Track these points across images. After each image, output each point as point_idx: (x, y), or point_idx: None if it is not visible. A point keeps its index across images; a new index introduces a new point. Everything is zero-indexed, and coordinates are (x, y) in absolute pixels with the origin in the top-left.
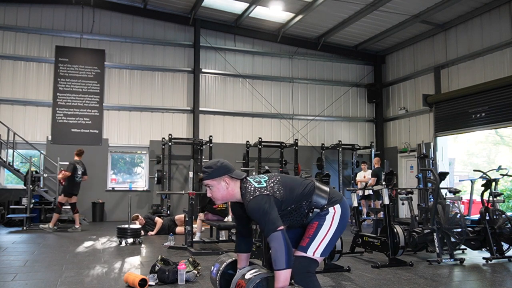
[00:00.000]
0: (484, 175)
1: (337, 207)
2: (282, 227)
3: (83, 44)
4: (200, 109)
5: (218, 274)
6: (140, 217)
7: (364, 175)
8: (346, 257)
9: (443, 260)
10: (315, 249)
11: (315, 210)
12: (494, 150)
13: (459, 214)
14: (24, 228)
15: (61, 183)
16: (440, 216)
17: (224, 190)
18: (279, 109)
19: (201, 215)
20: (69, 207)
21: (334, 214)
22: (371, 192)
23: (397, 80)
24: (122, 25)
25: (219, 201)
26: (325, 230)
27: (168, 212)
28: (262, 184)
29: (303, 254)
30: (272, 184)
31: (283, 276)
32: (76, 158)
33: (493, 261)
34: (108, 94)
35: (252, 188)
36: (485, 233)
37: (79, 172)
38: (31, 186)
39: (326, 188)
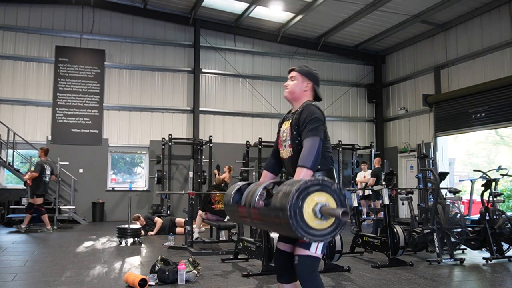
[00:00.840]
0: (484, 175)
1: None
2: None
3: (83, 44)
4: (200, 109)
5: (236, 187)
6: (141, 217)
7: (364, 175)
8: (346, 257)
9: (443, 260)
10: (316, 247)
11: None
12: (494, 150)
13: (459, 214)
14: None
15: (28, 184)
16: (440, 216)
17: (300, 89)
18: (279, 109)
19: (201, 212)
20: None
21: None
22: (370, 192)
23: (397, 80)
24: (122, 25)
25: (287, 93)
26: None
27: (168, 212)
28: None
29: (307, 252)
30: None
31: (304, 174)
32: (43, 157)
33: (493, 261)
34: (108, 94)
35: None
36: (485, 233)
37: (48, 172)
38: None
39: (334, 178)
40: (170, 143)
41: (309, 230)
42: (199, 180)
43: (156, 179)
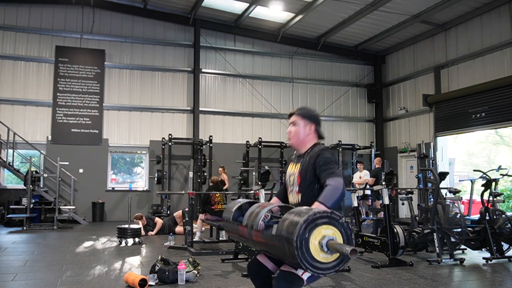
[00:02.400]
0: (484, 175)
1: None
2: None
3: (83, 44)
4: (200, 109)
5: (237, 205)
6: (143, 217)
7: (360, 176)
8: None
9: (443, 260)
10: (303, 271)
11: None
12: (494, 150)
13: (459, 214)
14: (24, 228)
15: None
16: (440, 216)
17: (304, 133)
18: (279, 109)
19: (201, 216)
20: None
21: None
22: (368, 192)
23: (397, 80)
24: (122, 25)
25: (292, 140)
26: None
27: (168, 212)
28: None
29: (292, 270)
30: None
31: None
32: None
33: (493, 261)
34: (108, 94)
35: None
36: (485, 233)
37: None
38: (31, 186)
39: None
40: (170, 143)
41: (314, 263)
42: (199, 180)
43: (156, 179)
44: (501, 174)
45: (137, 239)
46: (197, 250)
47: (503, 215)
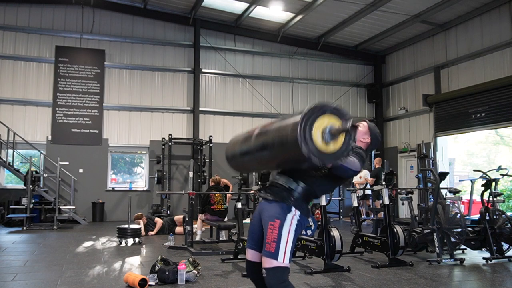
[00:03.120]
0: (484, 175)
1: (298, 213)
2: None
3: (83, 44)
4: (200, 109)
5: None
6: (144, 216)
7: (360, 176)
8: (346, 257)
9: (443, 260)
10: (284, 255)
11: (290, 188)
12: (494, 150)
13: (459, 214)
14: (24, 228)
15: None
16: (440, 216)
17: (359, 137)
18: (279, 109)
19: (201, 216)
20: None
21: (293, 217)
22: (368, 192)
23: (397, 80)
24: (122, 25)
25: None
26: (286, 232)
27: (168, 212)
28: None
29: (274, 263)
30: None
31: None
32: None
33: (493, 261)
34: (108, 94)
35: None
36: (485, 233)
37: None
38: (31, 186)
39: (309, 201)
40: (170, 143)
41: (322, 155)
42: (199, 180)
43: (156, 179)
44: (501, 174)
45: (137, 239)
46: (197, 250)
47: (503, 215)
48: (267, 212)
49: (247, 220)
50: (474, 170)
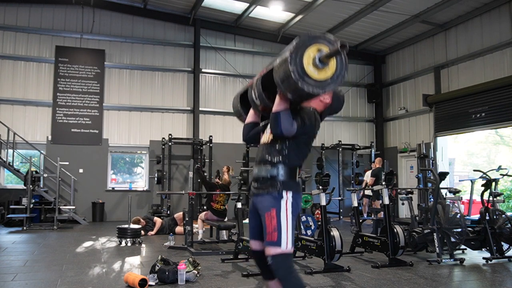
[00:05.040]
0: (484, 175)
1: (290, 194)
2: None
3: (83, 44)
4: (200, 109)
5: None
6: (141, 220)
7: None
8: (346, 257)
9: (443, 260)
10: (286, 242)
11: (274, 174)
12: (494, 150)
13: (459, 214)
14: (24, 228)
15: None
16: (440, 216)
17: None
18: None
19: (201, 215)
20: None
21: (287, 201)
22: (370, 192)
23: (397, 80)
24: (122, 25)
25: None
26: (284, 217)
27: (168, 212)
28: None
29: (278, 250)
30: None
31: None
32: None
33: (493, 261)
34: (108, 94)
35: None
36: (485, 233)
37: None
38: (31, 186)
39: (295, 176)
40: (170, 143)
41: (318, 84)
42: (199, 180)
43: (156, 179)
44: (501, 174)
45: (137, 239)
46: (197, 250)
47: (503, 215)
48: (261, 204)
49: (247, 220)
50: (474, 170)
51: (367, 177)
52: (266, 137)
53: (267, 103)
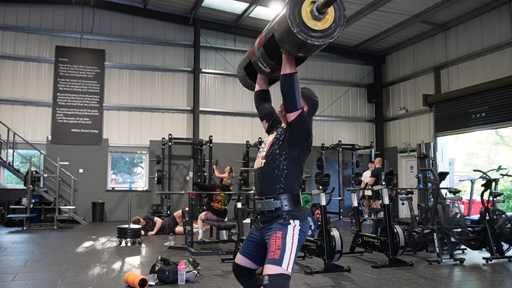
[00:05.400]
0: (484, 175)
1: (297, 222)
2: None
3: (83, 44)
4: (200, 109)
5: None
6: (141, 220)
7: (370, 175)
8: (346, 257)
9: (443, 260)
10: (288, 263)
11: (278, 211)
12: (494, 150)
13: (459, 214)
14: (24, 228)
15: None
16: (440, 216)
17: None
18: None
19: (201, 215)
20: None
21: (294, 227)
22: (370, 192)
23: (397, 80)
24: (122, 25)
25: (281, 111)
26: (290, 241)
27: (168, 212)
28: None
29: (279, 270)
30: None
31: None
32: None
33: (493, 261)
34: (108, 94)
35: None
36: (485, 233)
37: None
38: (31, 186)
39: (300, 201)
40: (170, 143)
41: (323, 33)
42: (199, 180)
43: (156, 179)
44: (501, 174)
45: (137, 239)
46: (197, 250)
47: (503, 215)
48: (268, 231)
49: (247, 220)
50: (474, 170)
51: (365, 177)
52: (258, 162)
53: (277, 67)
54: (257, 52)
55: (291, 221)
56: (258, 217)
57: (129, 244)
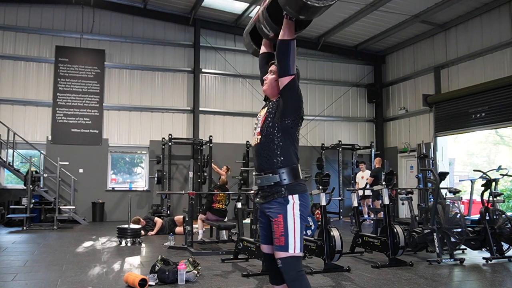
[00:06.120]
0: (484, 175)
1: (296, 197)
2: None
3: (83, 44)
4: (200, 109)
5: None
6: (141, 220)
7: (362, 176)
8: (346, 257)
9: (443, 260)
10: (294, 245)
11: (277, 192)
12: (494, 150)
13: (459, 214)
14: (24, 228)
15: None
16: (440, 216)
17: (276, 86)
18: None
19: (201, 216)
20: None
21: (294, 204)
22: (370, 192)
23: (397, 80)
24: (122, 25)
25: (266, 87)
26: (291, 222)
27: (168, 212)
28: None
29: (287, 254)
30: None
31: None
32: None
33: (493, 261)
34: (108, 94)
35: None
36: (485, 233)
37: None
38: (31, 186)
39: (299, 175)
40: (170, 143)
41: None
42: (199, 180)
43: (156, 179)
44: (501, 174)
45: (137, 239)
46: (197, 250)
47: (503, 215)
48: (268, 211)
49: (247, 220)
50: (474, 170)
51: (359, 179)
52: (255, 139)
53: (279, 30)
54: (261, 17)
55: (289, 197)
56: (259, 192)
57: (129, 244)
